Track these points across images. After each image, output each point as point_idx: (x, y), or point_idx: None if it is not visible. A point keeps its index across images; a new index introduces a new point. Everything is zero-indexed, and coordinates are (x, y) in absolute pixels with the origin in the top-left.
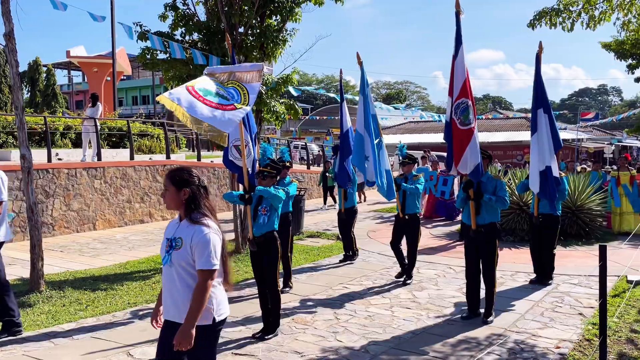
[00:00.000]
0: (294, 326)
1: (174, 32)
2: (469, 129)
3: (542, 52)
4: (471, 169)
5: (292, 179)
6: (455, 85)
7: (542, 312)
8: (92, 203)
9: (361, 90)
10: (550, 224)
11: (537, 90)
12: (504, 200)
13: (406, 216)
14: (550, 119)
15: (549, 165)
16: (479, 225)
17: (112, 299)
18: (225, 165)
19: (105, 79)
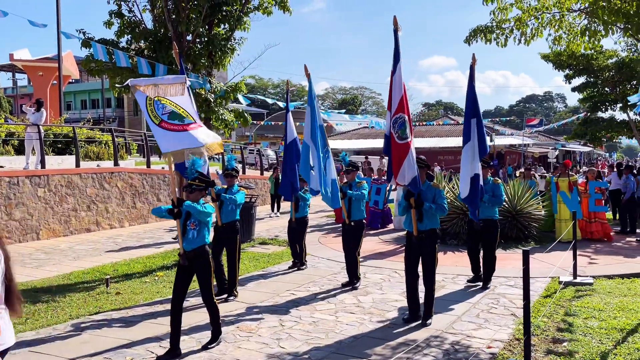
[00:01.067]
0: (237, 334)
1: (120, 39)
2: (405, 143)
3: (476, 63)
4: (409, 181)
5: (240, 187)
6: (394, 100)
7: (478, 314)
8: (36, 212)
9: (309, 102)
10: (490, 228)
11: (471, 100)
12: (442, 208)
13: (352, 222)
14: (479, 127)
15: (477, 173)
16: (420, 232)
17: (54, 311)
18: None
19: (52, 82)
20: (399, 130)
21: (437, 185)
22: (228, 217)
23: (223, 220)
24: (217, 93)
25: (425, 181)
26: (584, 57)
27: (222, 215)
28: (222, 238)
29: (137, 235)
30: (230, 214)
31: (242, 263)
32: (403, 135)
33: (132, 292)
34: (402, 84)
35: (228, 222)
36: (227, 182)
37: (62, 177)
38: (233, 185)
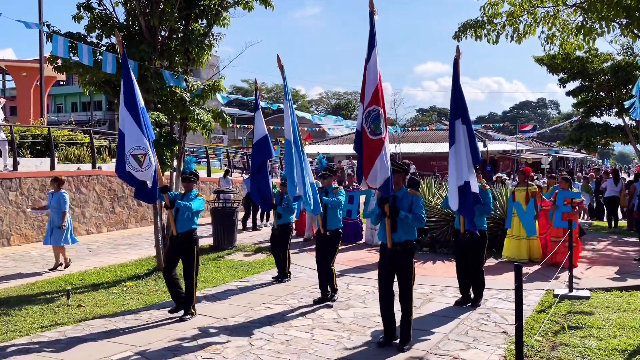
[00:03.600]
0: (200, 356)
1: (91, 34)
2: (379, 139)
3: (460, 56)
4: (381, 183)
5: (198, 193)
6: (367, 91)
7: (467, 331)
8: (7, 217)
9: (285, 96)
10: (478, 239)
11: (455, 99)
12: (420, 218)
13: (327, 232)
14: (469, 130)
15: (467, 181)
16: (395, 244)
17: (4, 325)
18: (119, 176)
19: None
20: (371, 125)
21: (415, 192)
22: (184, 226)
23: (178, 230)
24: (194, 92)
25: (402, 187)
26: (579, 60)
27: (177, 224)
28: (178, 249)
29: (114, 241)
30: (187, 222)
31: (219, 272)
32: (376, 130)
33: (96, 304)
34: (378, 73)
35: (184, 231)
36: (185, 187)
37: (35, 180)
38: (191, 191)
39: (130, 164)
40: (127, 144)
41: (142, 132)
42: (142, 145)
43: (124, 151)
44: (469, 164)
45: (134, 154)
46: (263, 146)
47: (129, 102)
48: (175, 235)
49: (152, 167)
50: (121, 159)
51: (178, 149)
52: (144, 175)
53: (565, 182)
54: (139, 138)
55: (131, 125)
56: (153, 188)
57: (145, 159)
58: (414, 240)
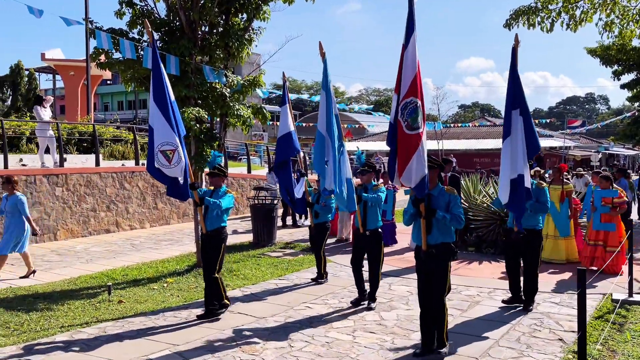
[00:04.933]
0: (238, 357)
1: (132, 30)
2: (416, 134)
3: (519, 45)
4: (416, 182)
5: (228, 190)
6: (404, 81)
7: (519, 338)
8: (53, 212)
9: (323, 85)
10: (532, 239)
11: (513, 89)
12: (458, 219)
13: (367, 232)
14: (526, 122)
15: (521, 174)
16: (430, 246)
17: (47, 321)
18: (150, 173)
19: (83, 82)
20: (408, 118)
21: (452, 190)
22: (213, 224)
23: (207, 228)
24: (234, 87)
25: (438, 185)
26: (636, 51)
27: (206, 222)
28: (207, 247)
29: (156, 237)
30: (216, 220)
31: (258, 270)
32: (414, 124)
33: (136, 300)
34: (416, 61)
35: (213, 229)
36: (212, 183)
37: (80, 176)
38: (220, 187)
39: (159, 160)
40: (156, 140)
41: (172, 128)
42: (171, 141)
43: (153, 147)
44: (524, 158)
45: (163, 149)
46: (287, 143)
47: (158, 96)
48: (204, 234)
49: (181, 163)
50: (151, 155)
51: (218, 145)
52: (173, 172)
53: (605, 181)
54: (168, 134)
55: (160, 121)
56: (185, 185)
57: (174, 155)
58: (451, 242)
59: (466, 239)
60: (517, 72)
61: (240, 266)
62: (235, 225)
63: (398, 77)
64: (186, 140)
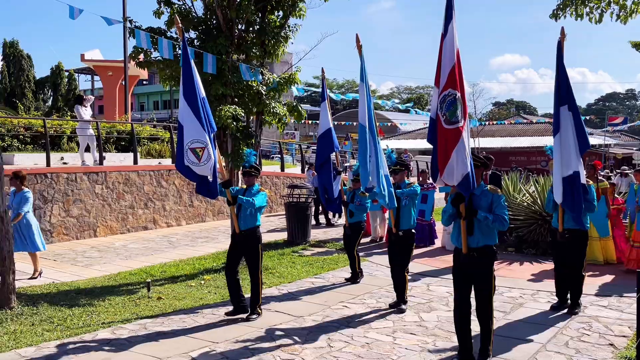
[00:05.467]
0: (278, 356)
1: (170, 29)
2: (455, 128)
3: (565, 39)
4: (459, 180)
5: (261, 188)
6: (442, 72)
7: (567, 342)
8: (93, 209)
9: (361, 77)
10: (578, 241)
11: (560, 85)
12: (502, 220)
13: (400, 232)
14: (575, 117)
15: (576, 171)
16: (471, 249)
17: (88, 317)
18: (179, 170)
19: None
20: (446, 112)
21: (496, 190)
22: (247, 223)
23: (241, 227)
24: (270, 85)
25: (481, 184)
26: None
27: (240, 221)
28: (241, 247)
29: (192, 234)
30: (250, 219)
31: (294, 268)
32: (452, 118)
33: (175, 297)
34: (455, 50)
35: (247, 228)
36: (246, 182)
37: (119, 174)
38: (253, 185)
39: (189, 158)
40: (186, 137)
41: (202, 125)
42: (201, 139)
43: (182, 145)
44: (577, 153)
45: (192, 147)
46: (327, 139)
47: (188, 93)
48: (238, 233)
49: (210, 161)
50: (180, 152)
51: (254, 143)
52: (202, 170)
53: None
54: (198, 131)
55: (190, 118)
56: (214, 183)
57: (204, 152)
58: (494, 245)
59: (506, 239)
60: (563, 67)
61: (276, 264)
62: (269, 223)
63: (438, 68)
64: (223, 139)
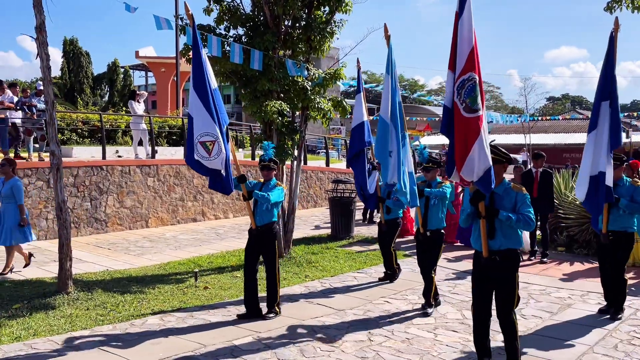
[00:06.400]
0: (318, 348)
1: (219, 26)
2: (476, 117)
3: (619, 30)
4: (479, 175)
5: (278, 182)
6: (460, 55)
7: (616, 345)
8: (145, 201)
9: (387, 69)
10: (623, 243)
11: (606, 79)
12: (528, 220)
13: (428, 232)
14: (614, 114)
15: (602, 171)
16: (493, 252)
17: (139, 303)
18: (189, 165)
19: (173, 78)
20: (466, 98)
21: (520, 188)
22: (263, 219)
23: (257, 223)
24: (315, 81)
25: (504, 181)
26: None
27: (256, 216)
28: (257, 244)
29: (238, 226)
30: (266, 214)
31: (337, 262)
32: (473, 105)
33: (221, 287)
34: (472, 31)
35: (263, 224)
36: (264, 176)
37: (170, 167)
38: (270, 180)
39: (199, 152)
40: (195, 130)
41: (212, 118)
42: (211, 132)
43: (192, 138)
44: (608, 154)
45: (202, 141)
46: (360, 133)
47: (198, 84)
48: (254, 229)
49: (222, 155)
50: (190, 146)
51: (299, 138)
52: (214, 164)
53: None
54: (208, 124)
55: (200, 110)
56: (227, 178)
57: (214, 146)
58: (519, 249)
59: (556, 238)
60: (613, 60)
61: (319, 258)
62: (314, 217)
63: (452, 50)
64: (268, 134)
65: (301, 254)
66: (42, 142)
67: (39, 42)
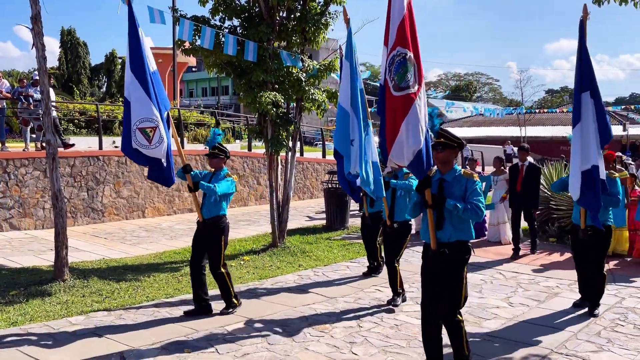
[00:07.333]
0: (309, 333)
1: (214, 17)
2: (406, 95)
3: (588, 17)
4: (410, 159)
5: (228, 173)
6: (392, 28)
7: (599, 332)
8: (142, 191)
9: (347, 55)
10: (601, 238)
11: (582, 69)
12: (476, 209)
13: (395, 224)
14: (598, 105)
15: (595, 165)
16: (441, 244)
17: (134, 290)
18: (126, 154)
19: (170, 69)
20: (395, 75)
21: (471, 174)
22: (211, 212)
23: (205, 215)
24: (309, 72)
25: (454, 168)
26: None
27: (203, 209)
28: (203, 238)
29: (234, 217)
30: (214, 207)
31: (330, 252)
32: (402, 82)
33: None
34: (405, 4)
35: (210, 217)
36: (212, 166)
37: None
38: (221, 170)
39: (137, 139)
40: (133, 116)
41: (152, 102)
42: (151, 117)
43: (129, 124)
44: (598, 146)
45: (141, 127)
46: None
47: (135, 65)
48: (201, 222)
49: (163, 143)
50: (127, 133)
51: (294, 129)
52: (154, 153)
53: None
54: (148, 109)
55: (138, 94)
56: (169, 168)
57: (155, 133)
58: (469, 241)
59: (547, 229)
60: (586, 49)
61: (313, 248)
62: (309, 209)
63: (387, 24)
64: (263, 125)
65: (296, 243)
66: (38, 132)
67: (35, 32)
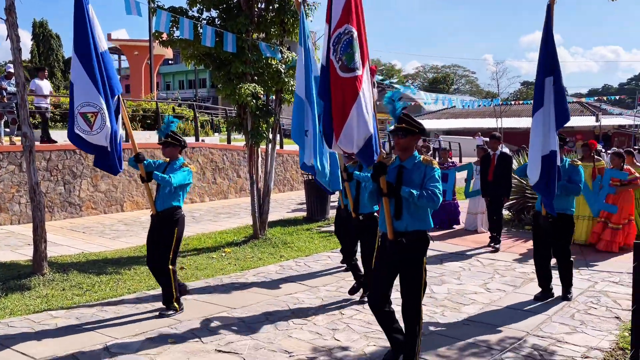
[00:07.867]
0: (292, 321)
1: (192, 8)
2: (353, 77)
3: (555, 2)
4: (359, 146)
5: (185, 162)
6: (335, 4)
7: (573, 314)
8: (120, 184)
9: (301, 41)
10: (563, 226)
11: (546, 53)
12: (432, 197)
13: (360, 216)
14: (559, 91)
15: (554, 150)
16: (399, 234)
17: (115, 283)
18: (70, 141)
19: (146, 62)
20: (342, 55)
21: (430, 161)
22: (164, 203)
23: (158, 208)
24: (289, 63)
25: (414, 154)
26: None
27: (157, 200)
28: (157, 231)
29: (214, 210)
30: (168, 199)
31: (311, 242)
32: (350, 63)
33: (197, 267)
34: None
35: (164, 209)
36: (166, 154)
37: (145, 151)
38: (176, 159)
39: (79, 124)
40: (76, 100)
41: (96, 86)
42: (93, 102)
43: (72, 108)
44: (554, 130)
45: (83, 112)
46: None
47: (80, 46)
48: (155, 214)
49: (105, 129)
50: (71, 118)
51: (274, 121)
52: (96, 139)
53: (617, 159)
54: (90, 93)
55: (81, 77)
56: (113, 156)
57: (97, 118)
58: (428, 229)
59: (523, 217)
60: (552, 34)
61: (294, 239)
62: (290, 200)
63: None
64: (243, 116)
65: (277, 235)
66: (13, 126)
67: (9, 23)
